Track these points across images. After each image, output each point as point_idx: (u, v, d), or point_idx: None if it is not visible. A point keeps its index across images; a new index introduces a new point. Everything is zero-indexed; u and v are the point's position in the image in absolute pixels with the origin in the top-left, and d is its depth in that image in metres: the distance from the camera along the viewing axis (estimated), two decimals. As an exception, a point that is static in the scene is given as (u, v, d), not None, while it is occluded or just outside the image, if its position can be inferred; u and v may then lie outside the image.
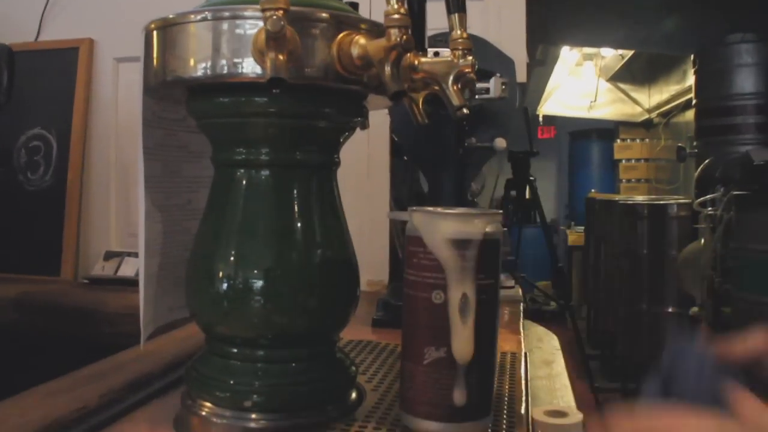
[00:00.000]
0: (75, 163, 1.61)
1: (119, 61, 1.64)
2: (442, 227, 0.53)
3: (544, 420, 0.60)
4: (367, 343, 0.85)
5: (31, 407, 0.63)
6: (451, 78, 0.59)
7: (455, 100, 0.59)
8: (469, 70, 0.61)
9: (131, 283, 1.38)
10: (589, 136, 5.78)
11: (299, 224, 0.59)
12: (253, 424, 0.58)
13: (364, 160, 1.41)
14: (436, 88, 0.62)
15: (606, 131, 5.64)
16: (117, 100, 1.64)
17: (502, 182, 3.15)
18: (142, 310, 0.65)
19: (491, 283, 0.55)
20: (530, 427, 0.61)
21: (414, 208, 0.55)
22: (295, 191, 0.60)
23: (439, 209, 0.55)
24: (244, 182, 0.60)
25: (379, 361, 0.77)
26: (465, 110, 0.60)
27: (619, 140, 5.47)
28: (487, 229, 0.54)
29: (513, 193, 3.12)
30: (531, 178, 3.08)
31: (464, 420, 0.54)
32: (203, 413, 0.59)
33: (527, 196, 3.21)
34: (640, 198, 4.10)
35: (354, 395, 0.64)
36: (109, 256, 1.55)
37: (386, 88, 0.53)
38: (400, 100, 0.59)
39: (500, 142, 1.18)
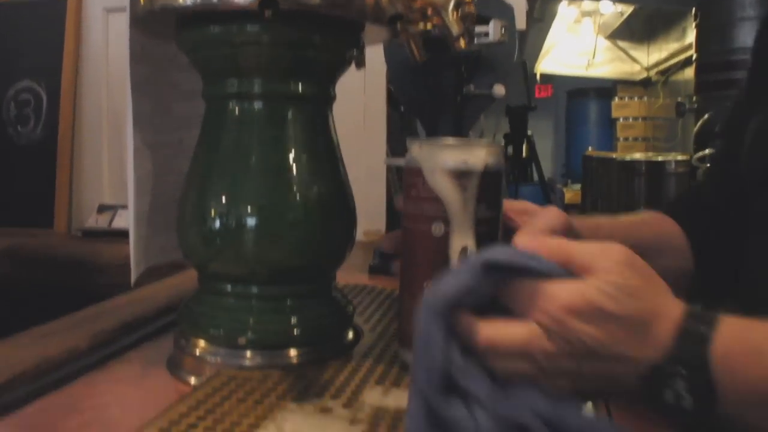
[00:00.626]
0: (66, 115, 1.58)
1: (109, 11, 1.60)
2: (441, 158, 0.51)
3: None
4: (364, 287, 0.84)
5: (22, 347, 0.62)
6: (451, 5, 0.57)
7: (455, 29, 0.57)
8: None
9: (125, 234, 1.36)
10: (587, 95, 5.72)
11: (293, 158, 0.58)
12: (247, 362, 0.56)
13: (360, 111, 1.38)
14: (436, 20, 0.60)
15: (604, 90, 5.58)
16: (107, 51, 1.60)
17: (499, 139, 3.13)
18: (133, 247, 0.64)
19: (493, 217, 0.53)
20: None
21: (413, 139, 0.54)
22: (288, 124, 0.58)
23: (439, 140, 0.53)
24: (236, 116, 0.58)
25: (377, 303, 0.76)
26: (463, 41, 0.58)
27: (617, 98, 5.42)
28: (489, 161, 0.52)
29: (510, 149, 3.10)
30: (528, 134, 3.05)
31: None
32: (197, 352, 0.58)
33: (524, 154, 3.19)
34: (637, 155, 4.07)
35: (351, 335, 0.63)
36: (102, 209, 1.53)
37: (382, 14, 0.51)
38: (397, 29, 0.56)
39: (499, 89, 1.16)
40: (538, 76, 5.60)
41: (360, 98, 1.37)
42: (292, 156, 0.58)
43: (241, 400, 0.46)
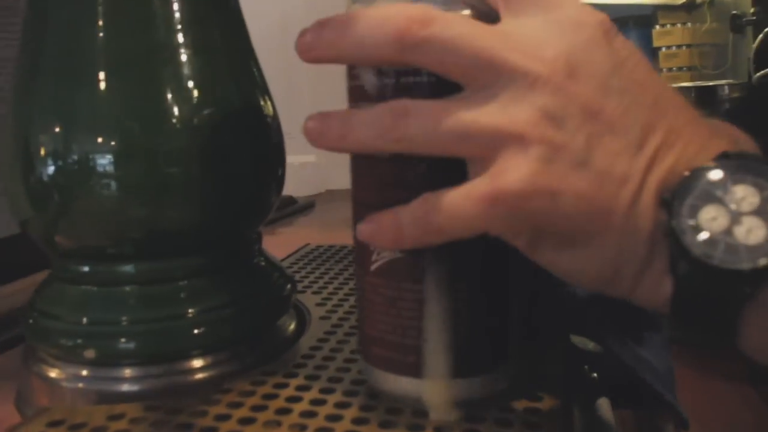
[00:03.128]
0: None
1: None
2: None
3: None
4: (336, 246, 0.61)
5: None
6: None
7: None
8: None
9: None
10: (625, 24, 5.36)
11: (170, 53, 0.35)
12: (125, 387, 0.35)
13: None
14: None
15: (643, 17, 5.22)
16: None
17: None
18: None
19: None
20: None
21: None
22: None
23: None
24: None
25: (349, 272, 0.54)
26: None
27: (658, 26, 5.05)
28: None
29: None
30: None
31: (457, 374, 0.30)
32: (51, 374, 0.37)
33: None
34: (685, 83, 3.75)
35: (290, 326, 0.41)
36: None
37: None
38: None
39: None
40: (571, 9, 5.27)
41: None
42: (167, 49, 0.35)
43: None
